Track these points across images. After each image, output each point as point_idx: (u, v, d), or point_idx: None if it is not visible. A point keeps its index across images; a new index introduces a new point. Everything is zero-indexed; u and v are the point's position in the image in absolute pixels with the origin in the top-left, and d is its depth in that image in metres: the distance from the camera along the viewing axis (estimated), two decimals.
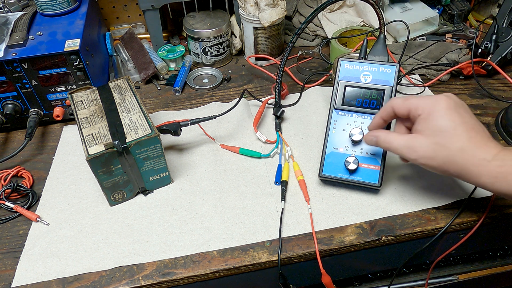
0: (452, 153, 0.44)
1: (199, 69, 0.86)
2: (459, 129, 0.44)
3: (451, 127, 0.44)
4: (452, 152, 0.44)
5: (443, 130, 0.44)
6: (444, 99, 0.46)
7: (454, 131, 0.44)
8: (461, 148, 0.44)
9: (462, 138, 0.44)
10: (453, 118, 0.45)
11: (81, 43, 0.67)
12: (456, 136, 0.44)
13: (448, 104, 0.45)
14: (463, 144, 0.44)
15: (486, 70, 0.78)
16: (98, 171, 0.52)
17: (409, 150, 0.47)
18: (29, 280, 0.50)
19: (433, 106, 0.46)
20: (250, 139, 0.68)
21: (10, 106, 0.69)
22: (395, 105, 0.49)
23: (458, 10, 0.95)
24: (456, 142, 0.44)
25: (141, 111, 0.57)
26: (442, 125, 0.45)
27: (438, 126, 0.45)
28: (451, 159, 0.44)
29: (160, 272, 0.50)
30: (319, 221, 0.55)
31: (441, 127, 0.45)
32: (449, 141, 0.44)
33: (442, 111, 0.45)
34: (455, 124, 0.44)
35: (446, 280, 0.73)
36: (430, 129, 0.45)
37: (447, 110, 0.45)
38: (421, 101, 0.47)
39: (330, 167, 0.56)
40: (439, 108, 0.45)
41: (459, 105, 0.46)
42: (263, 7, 0.79)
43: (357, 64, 0.58)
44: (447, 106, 0.45)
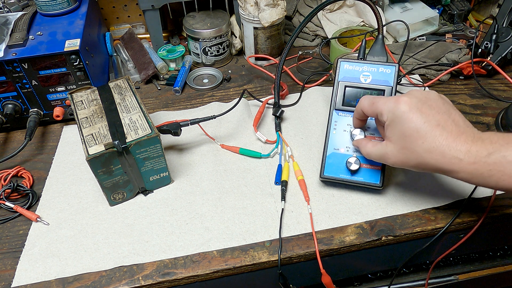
0: (421, 155, 0.43)
1: (199, 69, 0.87)
2: (422, 130, 0.43)
3: (413, 129, 0.43)
4: (421, 155, 0.43)
5: (407, 134, 0.44)
6: (403, 101, 0.44)
7: (418, 134, 0.43)
8: (429, 150, 0.43)
9: (427, 139, 0.43)
10: (414, 120, 0.43)
11: (81, 43, 0.67)
12: (420, 138, 0.43)
13: (408, 105, 0.44)
14: (429, 145, 0.42)
15: (486, 70, 0.78)
16: (98, 171, 0.52)
17: (384, 158, 0.48)
18: (29, 280, 0.50)
19: (394, 112, 0.45)
20: (250, 139, 0.68)
21: (10, 106, 0.69)
22: (364, 109, 0.50)
23: (458, 10, 0.95)
24: (422, 144, 0.43)
25: (141, 111, 0.57)
26: (405, 130, 0.44)
27: (401, 132, 0.44)
28: (422, 161, 0.44)
29: (160, 272, 0.50)
30: (319, 221, 0.55)
31: (404, 132, 0.44)
32: (415, 144, 0.43)
33: (403, 115, 0.44)
34: (417, 126, 0.43)
35: (446, 280, 0.73)
36: (396, 135, 0.45)
37: (408, 113, 0.44)
38: (384, 106, 0.46)
39: (332, 168, 0.56)
40: (399, 112, 0.44)
41: (422, 102, 0.44)
42: (263, 7, 0.79)
43: (357, 64, 0.58)
44: (407, 109, 0.44)
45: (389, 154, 0.46)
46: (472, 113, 0.71)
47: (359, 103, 0.51)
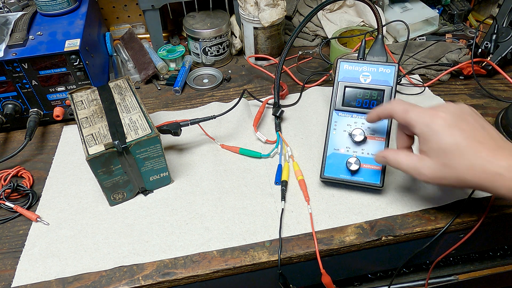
0: (461, 172, 0.42)
1: (199, 69, 0.87)
2: (463, 146, 0.42)
3: (454, 145, 0.42)
4: (462, 171, 0.42)
5: (447, 151, 0.42)
6: (440, 116, 0.43)
7: (458, 150, 0.42)
8: (470, 166, 0.41)
9: (468, 155, 0.41)
10: (453, 136, 0.42)
11: (81, 43, 0.67)
12: (462, 155, 0.41)
13: (445, 121, 0.43)
14: (470, 161, 0.41)
15: (486, 70, 0.78)
16: (98, 171, 0.52)
17: (418, 172, 0.45)
18: (29, 280, 0.50)
19: (430, 127, 0.43)
20: (250, 139, 0.68)
21: (10, 106, 0.69)
22: (395, 114, 0.47)
23: (458, 10, 0.95)
24: (463, 160, 0.41)
25: (141, 111, 0.57)
26: (444, 146, 0.42)
27: (440, 148, 0.43)
28: (462, 179, 0.42)
29: (160, 272, 0.50)
30: (319, 221, 0.55)
31: (444, 148, 0.42)
32: (456, 161, 0.42)
33: (441, 130, 0.43)
34: (457, 142, 0.42)
35: (446, 280, 0.73)
36: (433, 150, 0.43)
37: (446, 129, 0.43)
38: (419, 119, 0.44)
39: (332, 168, 0.56)
40: (436, 128, 0.43)
41: (459, 118, 0.43)
42: (263, 7, 0.79)
43: (356, 64, 0.58)
44: (445, 124, 0.43)
45: (424, 169, 0.44)
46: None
47: (391, 106, 0.48)
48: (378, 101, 0.56)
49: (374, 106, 0.56)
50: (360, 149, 0.56)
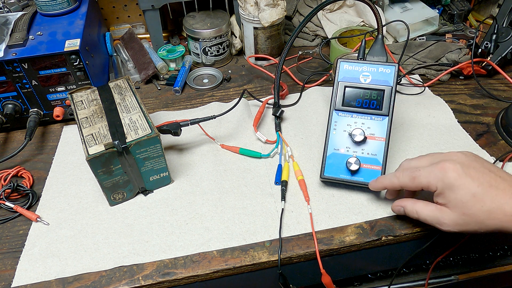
0: (481, 218, 0.43)
1: (199, 69, 0.87)
2: (479, 194, 0.43)
3: (470, 195, 0.43)
4: (482, 217, 0.43)
5: (464, 201, 0.44)
6: (450, 168, 0.45)
7: (475, 198, 0.43)
8: (489, 211, 0.43)
9: (486, 201, 0.43)
10: (467, 186, 0.44)
11: (81, 43, 0.67)
12: (479, 202, 0.43)
13: (455, 172, 0.44)
14: (488, 207, 0.43)
15: (486, 70, 0.78)
16: (98, 171, 0.52)
17: (439, 222, 0.46)
18: (29, 280, 0.50)
19: (443, 181, 0.45)
20: (250, 139, 0.68)
21: (10, 106, 0.69)
22: (406, 185, 0.49)
23: (458, 10, 0.95)
24: (482, 207, 0.43)
25: (141, 111, 0.57)
26: (461, 197, 0.44)
27: (458, 199, 0.44)
28: (483, 224, 0.44)
29: (160, 272, 0.50)
30: (319, 221, 0.55)
31: (461, 199, 0.44)
32: (475, 209, 0.43)
33: (454, 183, 0.44)
34: (472, 191, 0.43)
35: (446, 280, 0.73)
36: (452, 202, 0.45)
37: (458, 180, 0.44)
38: (430, 178, 0.46)
39: (332, 168, 0.56)
40: (450, 181, 0.44)
41: (466, 166, 0.45)
42: (263, 7, 0.79)
43: (356, 64, 0.58)
44: (456, 176, 0.44)
45: (445, 219, 0.46)
46: (472, 113, 0.71)
47: (398, 180, 0.49)
48: (378, 101, 0.56)
49: (374, 107, 0.56)
50: (360, 149, 0.56)
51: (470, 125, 0.69)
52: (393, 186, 0.50)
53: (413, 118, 0.70)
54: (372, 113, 0.57)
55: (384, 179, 0.52)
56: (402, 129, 0.68)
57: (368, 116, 0.57)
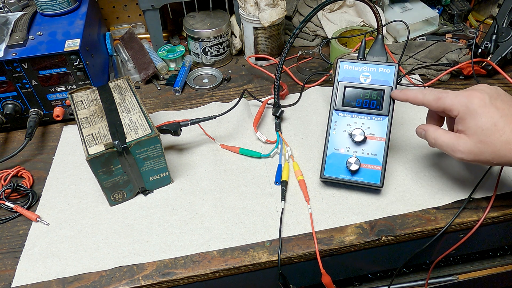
0: (498, 148, 0.44)
1: (199, 69, 0.87)
2: (500, 124, 0.44)
3: (491, 123, 0.44)
4: (498, 147, 0.44)
5: (484, 128, 0.45)
6: (477, 96, 0.46)
7: (495, 127, 0.44)
8: (507, 142, 0.44)
9: (505, 131, 0.44)
10: (491, 114, 0.45)
11: (81, 43, 0.67)
12: (498, 131, 0.44)
13: (482, 101, 0.45)
14: (507, 137, 0.44)
15: (486, 70, 0.78)
16: (98, 171, 0.52)
17: (453, 149, 0.47)
18: (29, 280, 0.50)
19: (467, 107, 0.46)
20: (250, 139, 0.68)
21: (10, 106, 0.69)
22: (428, 103, 0.50)
23: (458, 10, 0.95)
24: (500, 137, 0.44)
25: (141, 111, 0.57)
26: (482, 124, 0.45)
27: (478, 125, 0.45)
28: (498, 154, 0.44)
29: (160, 272, 0.50)
30: (319, 221, 0.55)
31: (482, 126, 0.45)
32: (493, 137, 0.44)
33: (478, 109, 0.45)
34: (494, 120, 0.44)
35: (446, 280, 0.73)
36: (471, 129, 0.45)
37: (483, 108, 0.45)
38: (455, 101, 0.47)
39: (332, 168, 0.56)
40: (473, 107, 0.45)
41: (494, 97, 0.46)
42: (263, 7, 0.79)
43: (356, 64, 0.58)
44: (482, 103, 0.45)
45: (461, 146, 0.46)
46: None
47: (423, 95, 0.50)
48: (378, 101, 0.56)
49: (374, 107, 0.56)
50: (360, 149, 0.56)
51: None
52: (416, 100, 0.51)
53: (413, 118, 0.70)
54: (372, 113, 0.57)
55: (409, 91, 0.52)
56: (402, 129, 0.68)
57: (368, 116, 0.57)
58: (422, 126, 0.53)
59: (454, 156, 0.47)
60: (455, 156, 0.47)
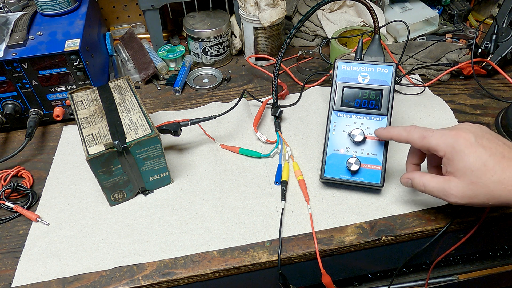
0: (491, 188, 0.42)
1: (199, 69, 0.87)
2: (490, 164, 0.42)
3: (480, 163, 0.43)
4: (491, 188, 0.42)
5: (474, 169, 0.43)
6: (462, 136, 0.44)
7: (485, 167, 0.42)
8: (500, 182, 0.42)
9: (496, 171, 0.42)
10: (478, 154, 0.43)
11: (81, 43, 0.67)
12: (489, 171, 0.42)
13: (467, 141, 0.44)
14: (499, 177, 0.42)
15: (486, 70, 0.78)
16: (98, 171, 0.52)
17: (446, 193, 0.45)
18: (29, 280, 0.50)
19: (453, 147, 0.44)
20: (250, 139, 0.68)
21: (10, 106, 0.69)
22: (413, 142, 0.48)
23: (458, 10, 0.95)
24: (492, 177, 0.42)
25: (141, 111, 0.57)
26: (471, 165, 0.43)
27: (467, 167, 0.43)
28: (492, 194, 0.43)
29: (160, 272, 0.50)
30: (319, 221, 0.55)
31: (471, 167, 0.43)
32: (484, 178, 0.42)
33: (465, 150, 0.43)
34: (483, 159, 0.43)
35: (446, 280, 0.73)
36: (460, 170, 0.44)
37: (469, 148, 0.43)
38: (440, 141, 0.45)
39: (332, 169, 0.56)
40: (460, 148, 0.44)
41: (480, 136, 0.44)
42: (263, 7, 0.79)
43: (354, 65, 0.58)
44: (468, 143, 0.44)
45: (452, 190, 0.45)
46: (472, 113, 0.71)
47: (407, 133, 0.49)
48: (377, 101, 0.56)
49: (372, 107, 0.56)
50: (360, 149, 0.56)
51: None
52: (400, 138, 0.50)
53: (413, 118, 0.70)
54: (371, 113, 0.57)
55: (393, 129, 0.51)
56: None
57: (367, 116, 0.57)
58: (407, 175, 0.51)
59: (448, 200, 0.46)
60: (448, 201, 0.46)
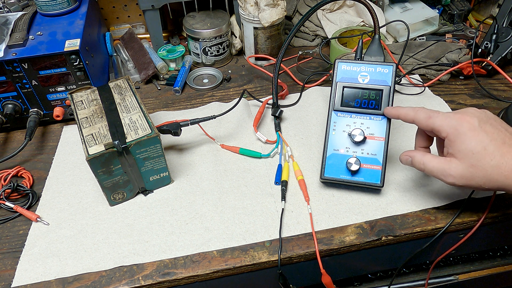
0: (489, 172, 0.43)
1: (199, 69, 0.87)
2: (490, 148, 0.43)
3: (481, 147, 0.44)
4: (489, 172, 0.43)
5: (475, 151, 0.44)
6: (466, 120, 0.45)
7: (485, 151, 0.43)
8: (497, 166, 0.43)
9: (495, 155, 0.43)
10: (480, 138, 0.44)
11: (81, 43, 0.67)
12: (489, 155, 0.43)
13: (471, 124, 0.45)
14: (497, 161, 0.43)
15: (486, 70, 0.78)
16: (98, 171, 0.52)
17: (445, 174, 0.46)
18: (29, 280, 0.50)
19: (456, 129, 0.45)
20: (250, 139, 0.68)
21: (10, 106, 0.69)
22: (419, 121, 0.49)
23: (458, 10, 0.95)
24: (490, 161, 0.43)
25: (141, 111, 0.57)
26: (472, 147, 0.44)
27: (468, 149, 0.44)
28: (489, 178, 0.44)
29: (160, 272, 0.50)
30: (319, 221, 0.55)
31: (472, 149, 0.44)
32: (483, 162, 0.44)
33: (467, 133, 0.44)
34: (484, 144, 0.44)
35: (446, 280, 0.73)
36: (461, 152, 0.45)
37: (472, 132, 0.44)
38: (444, 123, 0.46)
39: (332, 169, 0.56)
40: (463, 130, 0.45)
41: (484, 121, 0.45)
42: (263, 7, 0.79)
43: (354, 65, 0.58)
44: (471, 127, 0.45)
45: (452, 170, 0.45)
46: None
47: (414, 112, 0.50)
48: (377, 101, 0.56)
49: (372, 107, 0.56)
50: (360, 149, 0.56)
51: None
52: (407, 117, 0.51)
53: None
54: (371, 113, 0.57)
55: (401, 108, 0.52)
56: (402, 129, 0.68)
57: (367, 116, 0.57)
58: (407, 153, 0.51)
59: (445, 180, 0.46)
60: (446, 181, 0.46)
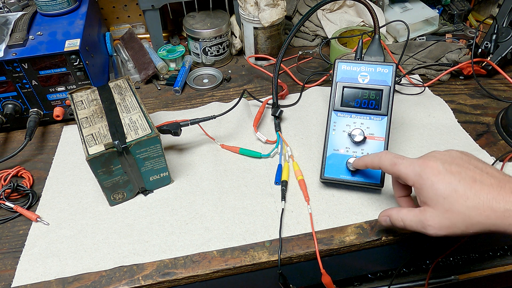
0: (467, 215, 0.40)
1: (199, 69, 0.87)
2: (460, 188, 0.40)
3: (450, 190, 0.41)
4: (467, 214, 0.40)
5: (445, 196, 0.41)
6: (429, 165, 0.43)
7: (456, 193, 0.40)
8: (475, 207, 0.39)
9: (469, 196, 0.40)
10: (447, 181, 0.41)
11: (81, 43, 0.67)
12: (461, 197, 0.40)
13: (434, 169, 0.42)
14: (473, 202, 0.39)
15: (486, 70, 0.78)
16: (98, 171, 0.52)
17: (424, 225, 0.43)
18: (29, 280, 0.50)
19: (421, 176, 0.43)
20: (250, 139, 0.68)
21: (10, 106, 0.69)
22: (384, 168, 0.47)
23: (458, 10, 0.95)
24: (465, 202, 0.40)
25: (141, 111, 0.57)
26: (441, 192, 0.41)
27: (438, 194, 0.41)
28: (470, 222, 0.40)
29: (160, 272, 0.50)
30: (319, 221, 0.55)
31: (441, 194, 0.41)
32: (457, 205, 0.40)
33: (432, 178, 0.42)
34: (453, 185, 0.41)
35: (446, 280, 0.73)
36: (432, 199, 0.42)
37: (437, 176, 0.42)
38: (408, 170, 0.44)
39: (332, 169, 0.56)
40: (428, 176, 0.42)
41: (448, 162, 0.42)
42: (263, 7, 0.79)
43: (354, 65, 0.58)
44: (435, 172, 0.42)
45: (430, 221, 0.42)
46: (472, 113, 0.71)
47: (379, 158, 0.48)
48: (377, 101, 0.56)
49: (372, 107, 0.56)
50: (360, 149, 0.56)
51: (470, 125, 0.69)
52: (373, 164, 0.49)
53: (413, 118, 0.70)
54: (371, 113, 0.57)
55: (367, 157, 0.50)
56: (402, 129, 0.68)
57: (367, 116, 0.57)
58: (384, 213, 0.49)
59: (427, 233, 0.43)
60: (428, 233, 0.43)
